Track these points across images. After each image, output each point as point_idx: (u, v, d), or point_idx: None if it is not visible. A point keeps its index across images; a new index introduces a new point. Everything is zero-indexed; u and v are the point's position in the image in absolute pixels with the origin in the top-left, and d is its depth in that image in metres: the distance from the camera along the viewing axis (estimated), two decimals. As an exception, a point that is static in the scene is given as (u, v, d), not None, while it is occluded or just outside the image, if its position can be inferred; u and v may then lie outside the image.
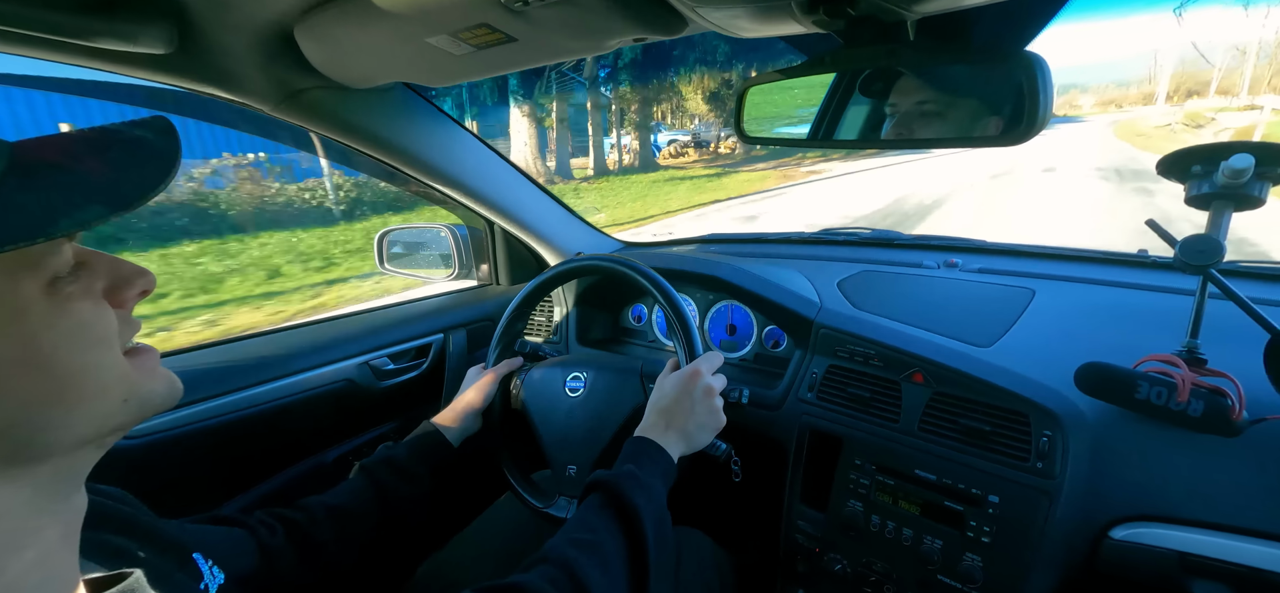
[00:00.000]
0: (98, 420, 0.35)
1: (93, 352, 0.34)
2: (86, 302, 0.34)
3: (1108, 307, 0.93)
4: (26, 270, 0.31)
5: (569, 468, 0.90)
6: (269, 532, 0.66)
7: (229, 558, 0.56)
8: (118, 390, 0.35)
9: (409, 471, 0.81)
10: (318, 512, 0.72)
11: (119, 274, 0.37)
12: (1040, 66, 0.48)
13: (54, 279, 0.32)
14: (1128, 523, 0.68)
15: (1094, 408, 0.72)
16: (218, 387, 0.94)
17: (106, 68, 0.74)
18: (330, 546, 0.70)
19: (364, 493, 0.76)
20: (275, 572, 0.64)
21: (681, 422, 0.74)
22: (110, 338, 0.35)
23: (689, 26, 0.63)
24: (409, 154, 1.05)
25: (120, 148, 0.33)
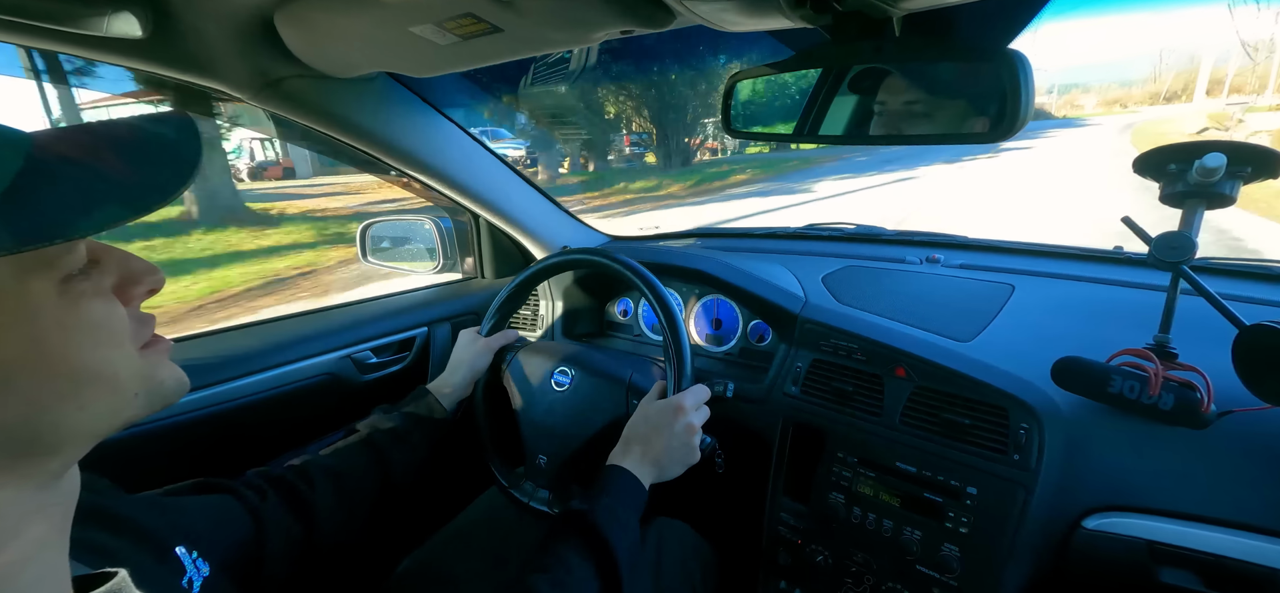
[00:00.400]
0: (109, 416, 0.34)
1: (103, 348, 0.33)
2: (97, 300, 0.33)
3: (1084, 302, 0.96)
4: (40, 269, 0.30)
5: (540, 457, 0.91)
6: (258, 495, 0.66)
7: (216, 539, 0.55)
8: (131, 385, 0.35)
9: (403, 435, 0.82)
10: (313, 472, 0.72)
11: (129, 271, 0.36)
12: (1022, 64, 0.49)
13: (67, 278, 0.32)
14: (1100, 513, 0.70)
15: (1069, 401, 0.74)
16: (198, 380, 0.93)
17: (78, 53, 0.72)
18: (324, 505, 0.70)
19: (358, 455, 0.77)
20: (269, 532, 0.63)
21: (657, 453, 0.75)
22: (121, 334, 0.35)
23: (677, 19, 0.63)
24: (392, 145, 1.04)
25: (142, 145, 0.32)
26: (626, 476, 0.72)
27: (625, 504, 0.68)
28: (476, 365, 0.95)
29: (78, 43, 0.69)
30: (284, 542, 0.65)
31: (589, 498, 0.68)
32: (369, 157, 1.06)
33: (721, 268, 1.09)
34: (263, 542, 0.63)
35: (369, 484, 0.76)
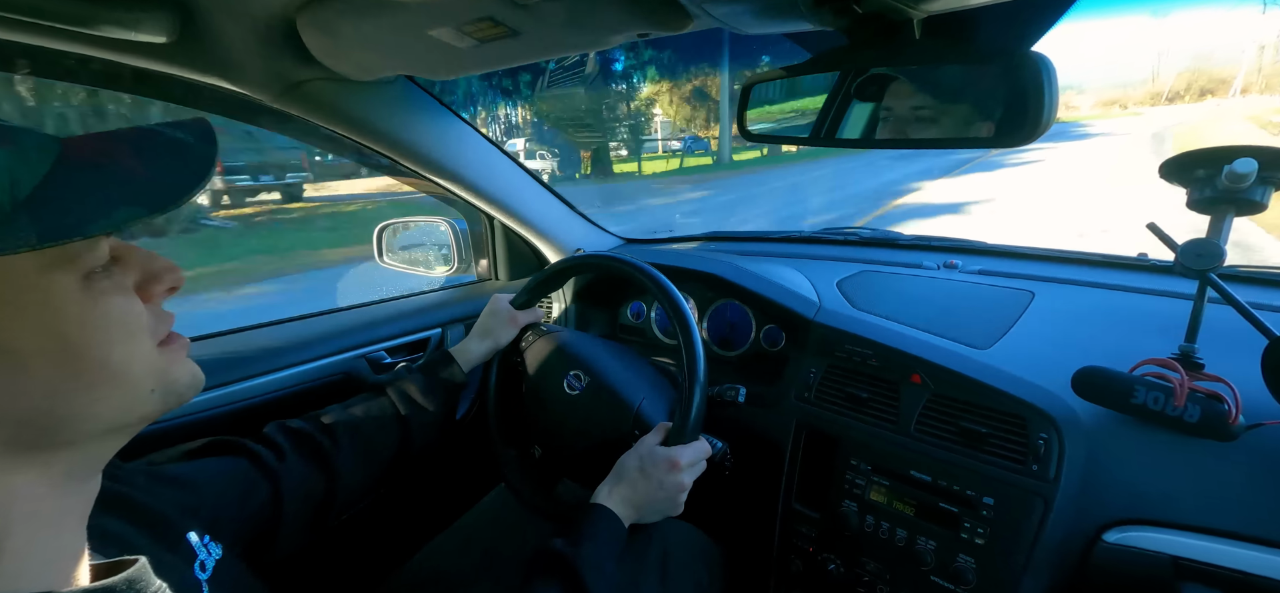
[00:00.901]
0: (125, 410, 0.36)
1: (123, 344, 0.35)
2: (118, 296, 0.35)
3: (1106, 310, 0.94)
4: (63, 265, 0.32)
5: (535, 448, 0.93)
6: (275, 454, 0.68)
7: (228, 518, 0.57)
8: (147, 381, 0.36)
9: (423, 393, 0.84)
10: (333, 424, 0.75)
11: (150, 269, 0.38)
12: (1045, 67, 0.48)
13: (89, 274, 0.33)
14: (1121, 527, 0.68)
15: (1090, 412, 0.72)
16: (216, 378, 0.94)
17: (106, 56, 0.74)
18: (342, 455, 0.72)
19: (379, 411, 0.80)
20: (285, 489, 0.65)
21: (641, 499, 0.74)
22: (141, 330, 0.36)
23: (694, 22, 0.63)
24: (410, 148, 1.05)
25: (160, 149, 0.34)
26: (610, 518, 0.71)
27: (606, 551, 0.68)
28: (500, 337, 0.96)
29: (106, 46, 0.71)
30: (302, 502, 0.67)
31: (572, 539, 0.67)
32: (387, 159, 1.07)
33: (734, 272, 1.09)
34: (279, 507, 0.64)
35: (389, 441, 0.78)
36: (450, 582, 0.90)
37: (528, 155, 15.95)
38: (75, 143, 0.32)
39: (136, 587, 0.37)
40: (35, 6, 0.59)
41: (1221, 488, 0.65)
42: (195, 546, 0.49)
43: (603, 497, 0.74)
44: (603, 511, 0.72)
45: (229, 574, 0.50)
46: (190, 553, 0.48)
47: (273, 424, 0.72)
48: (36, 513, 0.33)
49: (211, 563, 0.49)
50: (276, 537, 0.64)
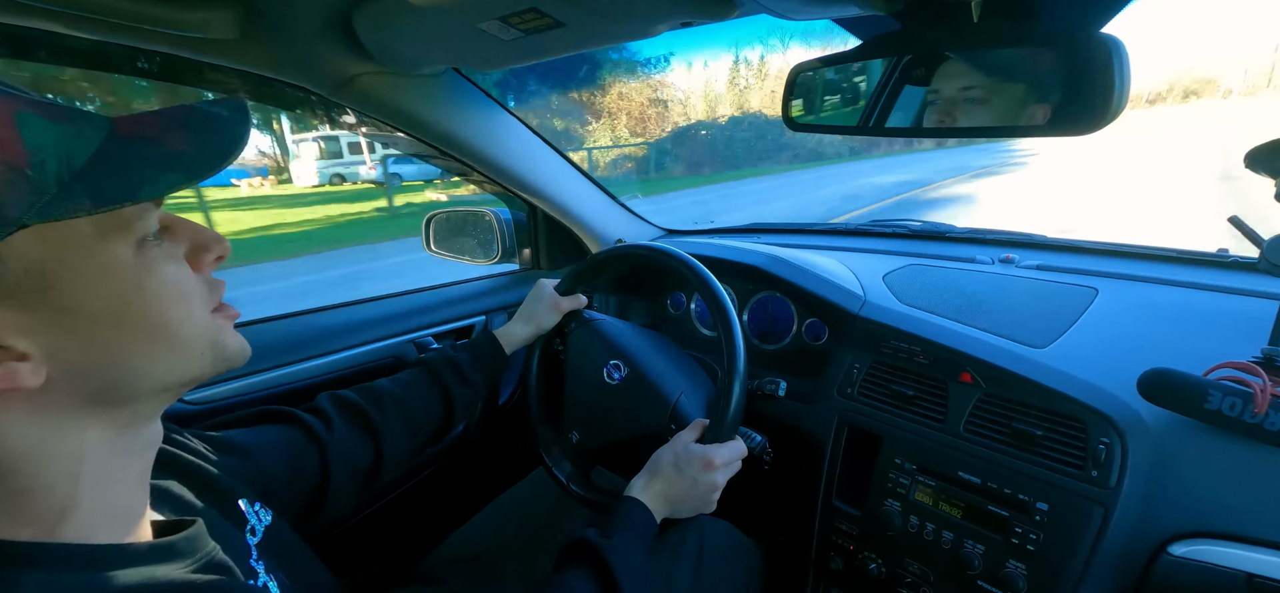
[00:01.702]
0: (179, 370, 0.39)
1: (176, 306, 0.38)
2: (170, 263, 0.38)
3: (1179, 309, 0.88)
4: (117, 232, 0.35)
5: (573, 434, 0.94)
6: (324, 423, 0.71)
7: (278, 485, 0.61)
8: (199, 343, 0.40)
9: (467, 374, 0.87)
10: (382, 395, 0.78)
11: (198, 240, 0.41)
12: (1117, 50, 0.45)
13: (141, 241, 0.36)
14: (1189, 540, 0.64)
15: (1157, 416, 0.68)
16: (273, 360, 0.99)
17: (178, 52, 0.78)
18: (389, 425, 0.76)
19: (424, 386, 0.83)
20: (333, 461, 0.69)
21: (676, 495, 0.75)
22: (193, 295, 0.39)
23: (739, 9, 0.62)
24: (457, 139, 1.07)
25: (199, 123, 0.37)
26: (642, 511, 0.72)
27: (637, 545, 0.68)
28: (544, 322, 0.98)
29: (178, 43, 0.75)
30: (349, 469, 0.71)
31: (604, 528, 0.67)
32: (434, 149, 1.10)
33: (776, 263, 1.07)
34: (327, 474, 0.68)
35: (432, 415, 0.82)
36: (487, 559, 0.92)
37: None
38: (124, 120, 0.35)
39: (194, 545, 0.41)
40: (114, 6, 0.63)
41: None
42: (247, 512, 0.52)
43: (636, 490, 0.75)
44: (635, 503, 0.73)
45: (277, 540, 0.53)
46: (241, 519, 0.51)
47: (323, 395, 0.76)
48: (104, 468, 0.36)
49: (261, 529, 0.52)
50: (325, 502, 0.68)
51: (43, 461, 0.34)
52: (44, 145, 0.31)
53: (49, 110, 0.32)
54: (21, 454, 0.33)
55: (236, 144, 0.37)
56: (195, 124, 0.36)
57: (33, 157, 0.30)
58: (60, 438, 0.35)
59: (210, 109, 0.38)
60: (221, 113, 0.38)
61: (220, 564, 0.42)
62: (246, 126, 0.38)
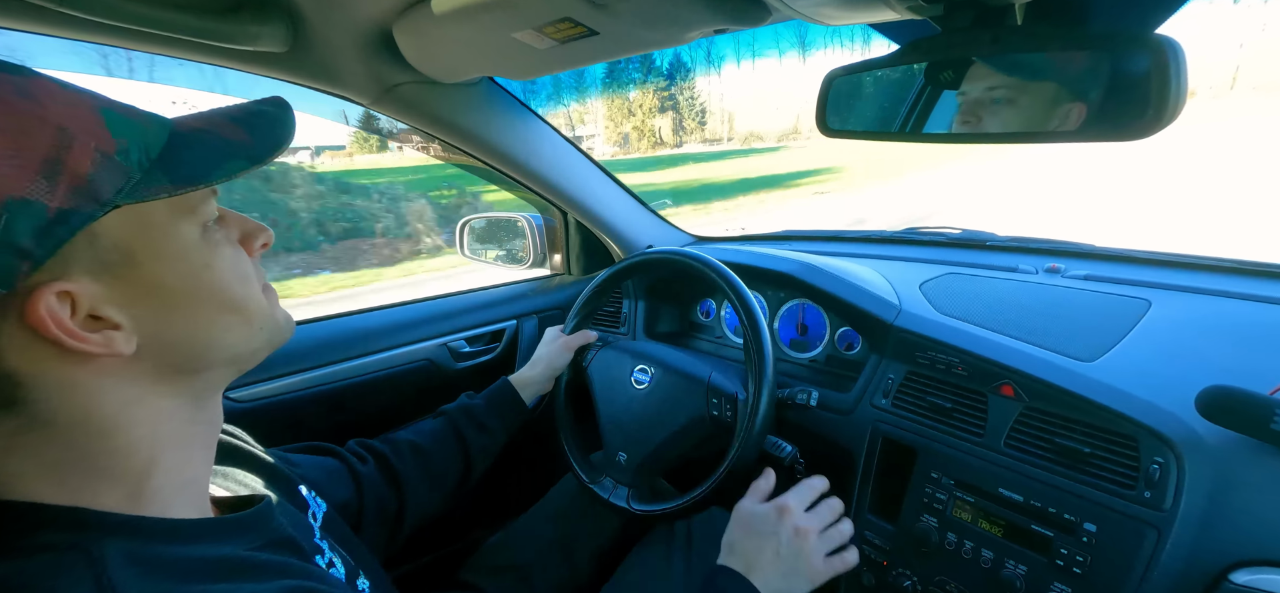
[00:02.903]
0: (242, 342, 0.42)
1: (239, 285, 0.42)
2: (229, 247, 0.42)
3: (1241, 323, 0.83)
4: (186, 216, 0.38)
5: (620, 455, 0.92)
6: (360, 461, 0.74)
7: (328, 487, 0.63)
8: (257, 319, 0.43)
9: (485, 423, 0.87)
10: (403, 446, 0.79)
11: (247, 228, 0.45)
12: (1173, 51, 0.43)
13: (206, 225, 0.40)
14: (1254, 567, 0.60)
15: (1217, 436, 0.64)
16: (314, 360, 1.03)
17: (225, 64, 0.82)
18: (411, 477, 0.77)
19: (443, 436, 0.84)
20: (367, 497, 0.71)
21: (766, 568, 0.65)
22: (250, 276, 0.43)
23: (772, 15, 0.61)
24: (491, 146, 1.10)
25: (253, 118, 0.41)
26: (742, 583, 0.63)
27: None
28: (556, 362, 0.99)
29: (230, 56, 0.79)
30: (377, 511, 0.72)
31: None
32: (469, 156, 1.13)
33: (808, 271, 1.06)
34: (362, 505, 0.70)
35: (451, 465, 0.83)
36: (525, 569, 0.93)
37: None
38: (181, 120, 0.39)
39: (264, 522, 0.44)
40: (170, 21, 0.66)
41: None
42: (307, 497, 0.55)
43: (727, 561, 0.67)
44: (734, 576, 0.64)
45: (335, 527, 0.56)
46: (303, 502, 0.54)
47: (354, 440, 0.78)
48: (179, 435, 0.40)
49: (320, 514, 0.55)
50: (359, 530, 0.69)
51: (131, 424, 0.37)
52: (127, 135, 0.35)
53: (123, 107, 0.36)
54: (114, 417, 0.36)
55: (289, 133, 0.42)
56: (247, 120, 0.40)
57: (119, 145, 0.34)
58: (145, 404, 0.38)
59: (257, 107, 0.42)
60: (268, 109, 0.42)
61: (289, 541, 0.45)
62: (293, 118, 0.43)
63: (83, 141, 0.32)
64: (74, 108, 0.33)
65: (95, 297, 0.34)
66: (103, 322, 0.35)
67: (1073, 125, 0.53)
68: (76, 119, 0.33)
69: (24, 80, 0.32)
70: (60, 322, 0.32)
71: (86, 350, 0.33)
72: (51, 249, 0.31)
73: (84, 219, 0.32)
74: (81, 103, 0.34)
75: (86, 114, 0.33)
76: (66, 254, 0.32)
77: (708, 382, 0.89)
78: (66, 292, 0.33)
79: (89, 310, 0.34)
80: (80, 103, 0.33)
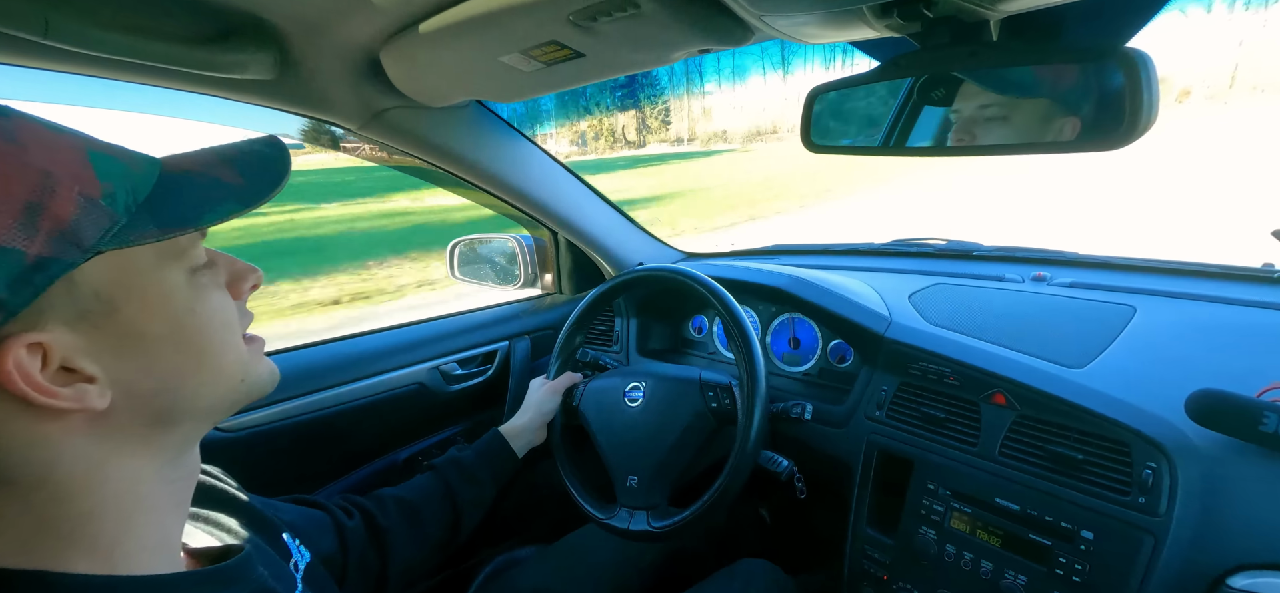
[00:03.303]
0: (221, 394, 0.40)
1: (221, 333, 0.40)
2: (216, 291, 0.40)
3: (1225, 327, 0.84)
4: (173, 260, 0.37)
5: (630, 479, 0.90)
6: (346, 514, 0.71)
7: (312, 537, 0.60)
8: (237, 370, 0.41)
9: (475, 475, 0.84)
10: (389, 502, 0.76)
11: (236, 270, 0.43)
12: (1144, 64, 0.44)
13: (193, 269, 0.38)
14: (1250, 571, 0.60)
15: (1208, 440, 0.65)
16: (303, 387, 1.02)
17: (218, 95, 0.82)
18: (396, 534, 0.74)
19: (431, 491, 0.81)
20: (350, 553, 0.68)
21: None
22: (234, 323, 0.42)
23: (755, 35, 0.62)
24: (480, 168, 1.10)
25: (246, 158, 0.40)
26: None
27: None
28: (544, 408, 0.96)
29: (219, 86, 0.79)
30: (360, 569, 0.69)
31: None
32: (458, 179, 1.13)
33: (799, 285, 1.06)
34: (346, 560, 0.67)
35: (437, 519, 0.80)
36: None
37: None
38: (171, 160, 0.38)
39: (245, 572, 0.42)
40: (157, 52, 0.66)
41: None
42: (290, 544, 0.53)
43: None
44: None
45: (317, 576, 0.54)
46: (286, 551, 0.52)
47: (341, 495, 0.75)
48: (154, 495, 0.38)
49: (303, 564, 0.53)
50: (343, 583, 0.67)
51: (102, 483, 0.35)
52: (113, 178, 0.33)
53: (111, 148, 0.35)
54: (84, 477, 0.34)
55: (283, 174, 0.40)
56: (239, 160, 0.39)
57: (105, 189, 0.33)
58: (117, 462, 0.36)
59: (250, 147, 0.41)
60: (262, 149, 0.41)
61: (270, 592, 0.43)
62: (288, 158, 0.41)
63: (67, 185, 0.31)
64: (59, 150, 0.32)
65: (69, 348, 0.32)
66: (76, 374, 0.33)
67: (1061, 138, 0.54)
68: (61, 161, 0.31)
69: (7, 122, 0.31)
70: (29, 376, 0.30)
71: (56, 406, 0.31)
72: (27, 299, 0.30)
73: (64, 267, 0.31)
74: (67, 144, 0.32)
75: (72, 156, 0.32)
76: (42, 303, 0.31)
77: (700, 379, 0.89)
78: (38, 343, 0.31)
79: (61, 362, 0.32)
80: (66, 144, 0.32)
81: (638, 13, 0.56)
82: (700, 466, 0.85)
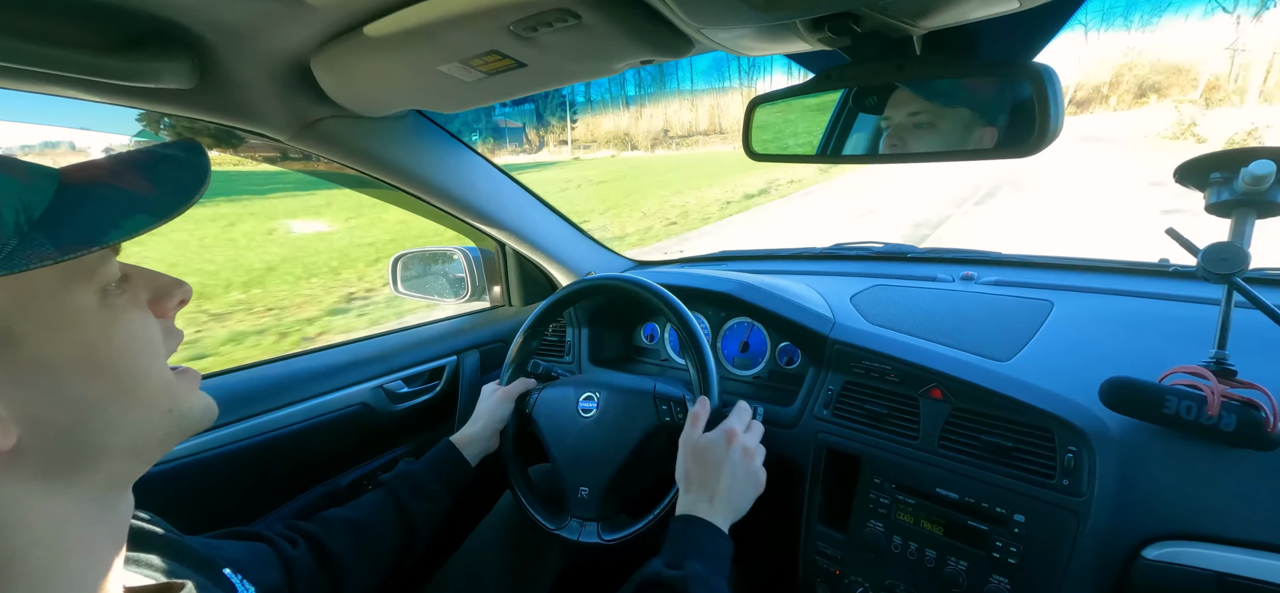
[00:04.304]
0: (146, 427, 0.37)
1: (142, 358, 0.37)
2: (134, 311, 0.37)
3: (1129, 318, 0.91)
4: (81, 280, 0.34)
5: (581, 490, 0.89)
6: (290, 544, 0.67)
7: (254, 571, 0.57)
8: (163, 400, 0.38)
9: (427, 488, 0.82)
10: (336, 525, 0.73)
11: (158, 286, 0.40)
12: (1049, 77, 0.48)
13: (105, 289, 0.35)
14: (1161, 542, 0.66)
15: (1120, 423, 0.70)
16: (237, 412, 0.96)
17: (133, 104, 0.77)
18: (346, 557, 0.70)
19: (382, 508, 0.78)
20: (297, 582, 0.64)
21: (725, 492, 0.70)
22: (157, 346, 0.38)
23: (695, 47, 0.64)
24: (422, 179, 1.07)
25: (158, 166, 0.36)
26: (705, 528, 0.66)
27: (716, 569, 0.63)
28: (497, 415, 0.95)
29: (133, 96, 0.74)
30: (311, 589, 0.66)
31: (670, 558, 0.62)
32: (400, 191, 1.09)
33: (747, 290, 1.08)
34: (293, 590, 0.64)
35: (391, 537, 0.77)
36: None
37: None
38: (71, 170, 0.34)
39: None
40: (66, 60, 0.61)
41: (1265, 499, 0.62)
42: (232, 580, 0.50)
43: (689, 508, 0.70)
44: (696, 521, 0.67)
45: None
46: (229, 586, 0.49)
47: (283, 523, 0.71)
48: (79, 540, 0.34)
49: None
50: None
51: (20, 527, 0.32)
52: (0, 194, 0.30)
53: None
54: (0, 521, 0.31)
55: (200, 182, 0.37)
56: (151, 167, 0.36)
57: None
58: (33, 506, 0.33)
59: (165, 152, 0.38)
60: (177, 154, 0.38)
61: None
62: (206, 164, 0.38)
63: None
64: None
65: None
66: None
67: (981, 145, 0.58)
68: None
69: None
70: None
71: None
72: None
73: None
74: None
75: None
76: None
77: (654, 391, 0.89)
78: None
79: None
80: None
81: (579, 24, 0.56)
82: (652, 477, 0.85)
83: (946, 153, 0.62)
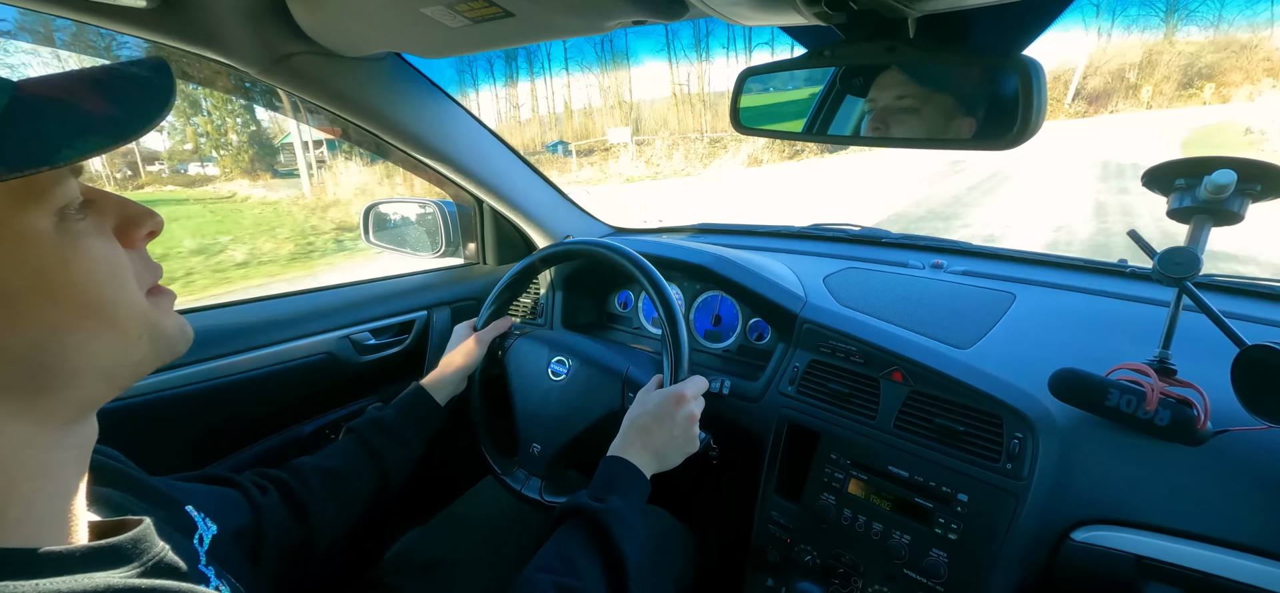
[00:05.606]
0: (116, 355, 0.36)
1: (107, 286, 0.35)
2: (97, 238, 0.36)
3: (1085, 314, 0.95)
4: (33, 201, 0.32)
5: (534, 446, 0.91)
6: (259, 491, 0.66)
7: (220, 513, 0.56)
8: (135, 326, 0.37)
9: (398, 433, 0.82)
10: (308, 473, 0.72)
11: (126, 214, 0.38)
12: (1035, 70, 0.49)
13: (62, 213, 0.33)
14: (1089, 525, 0.70)
15: (1065, 413, 0.74)
16: (196, 353, 0.93)
17: (88, 20, 0.72)
18: (317, 505, 0.70)
19: (354, 455, 0.77)
20: (267, 528, 0.64)
21: (659, 444, 0.75)
22: (124, 275, 0.37)
23: (689, 11, 0.62)
24: (399, 127, 1.03)
25: (120, 84, 0.34)
26: (631, 470, 0.71)
27: (632, 505, 0.67)
28: (472, 358, 0.95)
29: (87, 10, 0.69)
30: (279, 544, 0.65)
31: (595, 492, 0.66)
32: (375, 138, 1.06)
33: (723, 264, 1.09)
34: (261, 535, 0.63)
35: (364, 483, 0.76)
36: (443, 566, 0.89)
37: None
38: (30, 84, 0.32)
39: (141, 546, 0.38)
40: None
41: (1188, 490, 0.67)
42: (195, 518, 0.49)
43: (618, 450, 0.74)
44: (622, 462, 0.72)
45: (223, 550, 0.50)
46: (190, 525, 0.48)
47: (252, 471, 0.70)
48: (39, 464, 0.34)
49: (208, 537, 0.49)
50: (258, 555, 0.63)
51: None
52: None
53: None
54: None
55: (163, 104, 0.35)
56: (113, 85, 0.34)
57: None
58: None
59: (128, 69, 0.35)
60: (140, 72, 0.36)
61: (170, 567, 0.39)
62: (171, 85, 0.36)
63: None
64: None
65: None
66: None
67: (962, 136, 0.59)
68: None
69: None
70: None
71: None
72: None
73: None
74: None
75: None
76: None
77: (625, 375, 0.90)
78: None
79: None
80: None
81: (571, -25, 0.54)
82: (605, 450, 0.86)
83: (927, 140, 0.63)
